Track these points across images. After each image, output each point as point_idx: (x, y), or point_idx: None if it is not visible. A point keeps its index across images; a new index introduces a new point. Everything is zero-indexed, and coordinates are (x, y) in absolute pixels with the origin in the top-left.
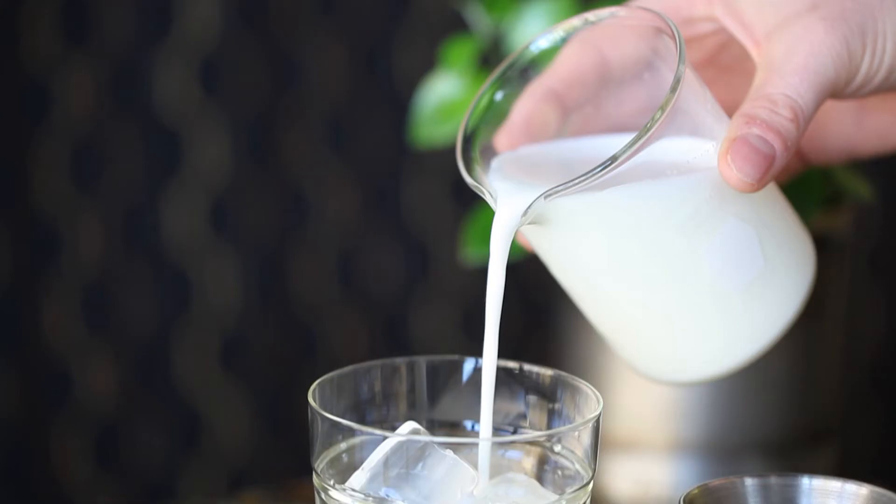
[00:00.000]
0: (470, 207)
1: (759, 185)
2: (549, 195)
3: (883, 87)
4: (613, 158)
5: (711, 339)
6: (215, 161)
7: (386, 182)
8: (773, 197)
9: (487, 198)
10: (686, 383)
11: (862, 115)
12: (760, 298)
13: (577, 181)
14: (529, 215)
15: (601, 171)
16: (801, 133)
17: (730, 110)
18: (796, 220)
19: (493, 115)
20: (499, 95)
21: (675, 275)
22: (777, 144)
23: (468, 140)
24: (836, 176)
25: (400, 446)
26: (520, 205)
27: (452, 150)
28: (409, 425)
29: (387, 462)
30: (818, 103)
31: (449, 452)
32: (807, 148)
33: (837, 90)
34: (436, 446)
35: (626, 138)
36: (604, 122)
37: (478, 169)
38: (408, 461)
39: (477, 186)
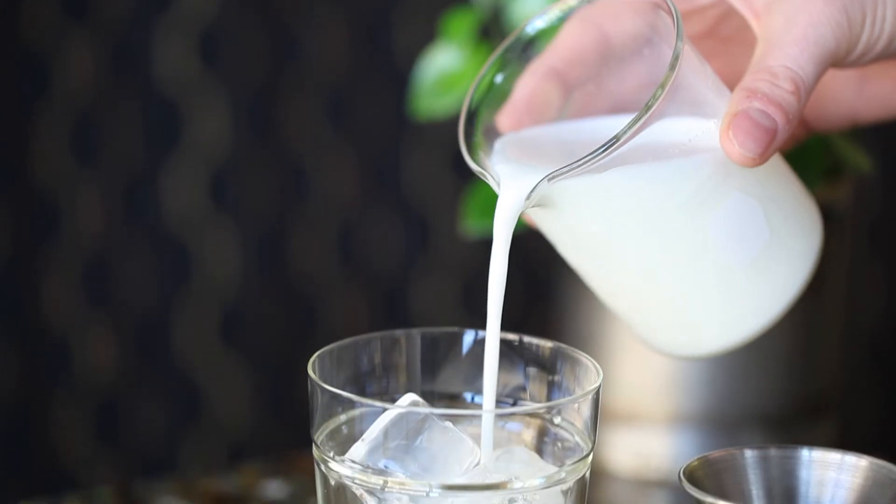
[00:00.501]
0: (470, 180)
1: (761, 159)
2: (553, 178)
3: (884, 54)
4: (615, 139)
5: (720, 313)
6: (215, 135)
7: (386, 155)
8: (777, 168)
9: (490, 182)
10: (698, 357)
11: (863, 83)
12: (768, 271)
13: (579, 163)
14: (533, 198)
15: (603, 151)
16: (802, 105)
17: (731, 82)
18: (801, 189)
19: (495, 96)
20: (499, 77)
21: (681, 252)
22: (779, 118)
23: (470, 122)
24: (836, 148)
25: (400, 418)
26: (523, 188)
27: (453, 122)
28: (409, 397)
29: (386, 434)
30: (819, 74)
31: (449, 424)
32: (809, 116)
33: (838, 60)
34: (436, 418)
35: (627, 118)
36: (606, 100)
37: (480, 152)
38: (408, 433)
39: (480, 171)
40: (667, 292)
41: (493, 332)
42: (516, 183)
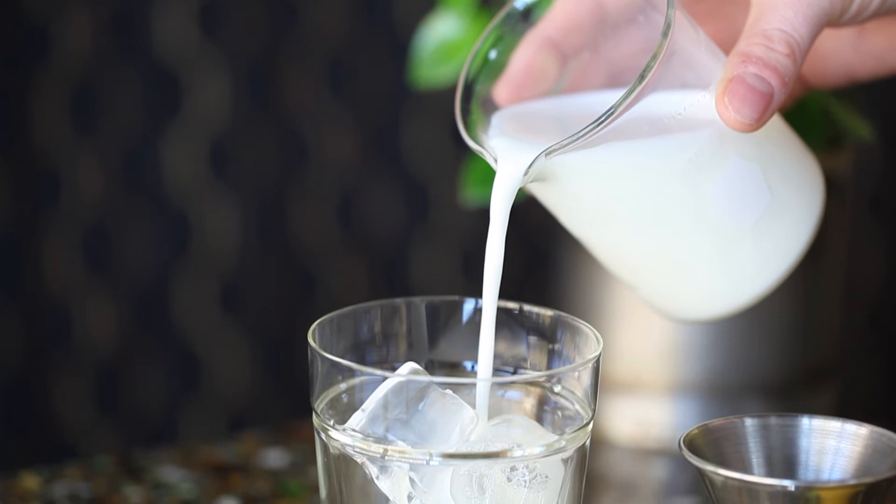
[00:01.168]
0: (470, 150)
1: (758, 124)
2: (550, 153)
3: (879, 12)
4: (611, 110)
5: (725, 277)
6: (215, 103)
7: (386, 124)
8: (775, 128)
9: (488, 158)
10: (704, 320)
11: (859, 40)
12: (770, 233)
13: (576, 136)
14: (531, 174)
15: (599, 124)
16: (798, 67)
17: (726, 44)
18: (801, 147)
19: (491, 69)
20: (493, 53)
21: (683, 219)
22: (774, 81)
23: (467, 97)
24: (837, 117)
25: (400, 387)
26: (520, 164)
27: (452, 91)
28: (409, 366)
29: (386, 402)
30: (814, 35)
31: (449, 392)
32: (806, 73)
33: (833, 19)
34: (436, 387)
35: (622, 91)
36: (602, 67)
37: (478, 127)
38: (408, 402)
39: (478, 148)
40: (670, 259)
41: (489, 309)
42: (513, 159)
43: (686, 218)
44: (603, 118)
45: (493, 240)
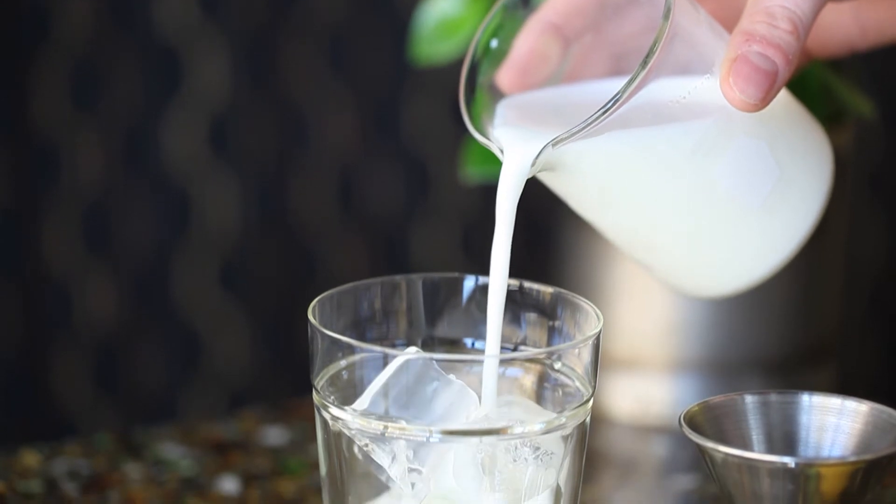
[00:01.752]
0: None
1: (763, 104)
2: (557, 143)
3: None
4: (617, 97)
5: (738, 254)
6: (215, 82)
7: (386, 101)
8: (780, 101)
9: (494, 150)
10: (719, 296)
11: (860, 12)
12: (781, 209)
13: (583, 125)
14: (538, 165)
15: (605, 112)
16: (802, 44)
17: (728, 21)
18: (805, 117)
19: (493, 57)
20: (494, 42)
21: (693, 201)
22: (779, 59)
23: (470, 87)
24: (838, 94)
25: (402, 370)
26: (527, 155)
27: (453, 68)
28: (410, 351)
29: (388, 386)
30: (817, 10)
31: (453, 377)
32: (808, 44)
33: None
34: (440, 370)
35: (625, 78)
36: (605, 49)
37: (482, 117)
38: (410, 385)
39: (484, 140)
40: (681, 240)
41: (496, 299)
42: (520, 150)
43: (696, 199)
44: (608, 106)
45: (500, 234)
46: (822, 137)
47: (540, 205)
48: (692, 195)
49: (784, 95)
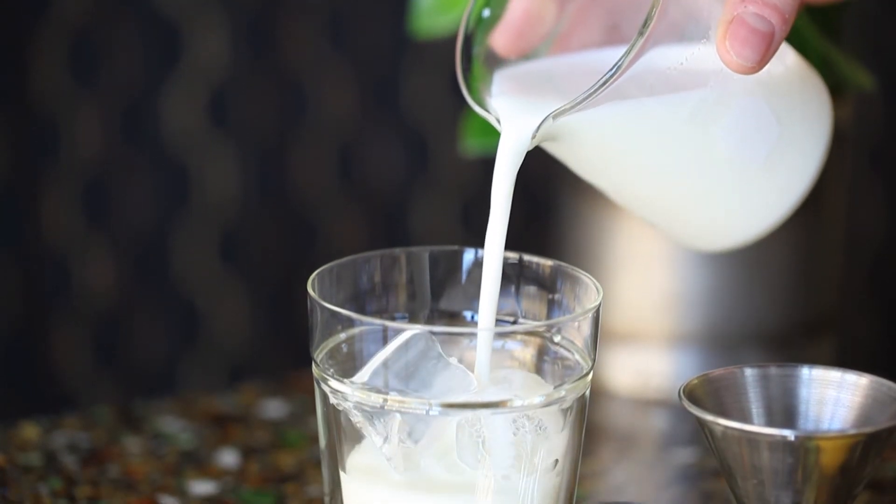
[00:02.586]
0: None
1: (760, 66)
2: (558, 115)
3: None
4: (616, 67)
5: (742, 210)
6: (215, 54)
7: (386, 74)
8: (778, 56)
9: (493, 122)
10: (727, 250)
11: None
12: (783, 162)
13: (583, 96)
14: (538, 137)
15: (605, 83)
16: (798, 1)
17: None
18: (803, 67)
19: (487, 25)
20: (486, 12)
21: (695, 163)
22: (775, 19)
23: (466, 57)
24: (838, 66)
25: (405, 347)
26: (527, 128)
27: (453, 41)
28: (412, 330)
29: (388, 362)
30: None
31: (454, 360)
32: None
33: None
34: (442, 355)
35: (621, 48)
36: (600, 9)
37: (480, 88)
38: (412, 362)
39: (483, 113)
40: (685, 200)
41: (492, 272)
42: (519, 122)
43: (698, 161)
44: (608, 76)
45: (497, 207)
46: (821, 87)
47: (539, 177)
48: (693, 157)
49: (782, 48)
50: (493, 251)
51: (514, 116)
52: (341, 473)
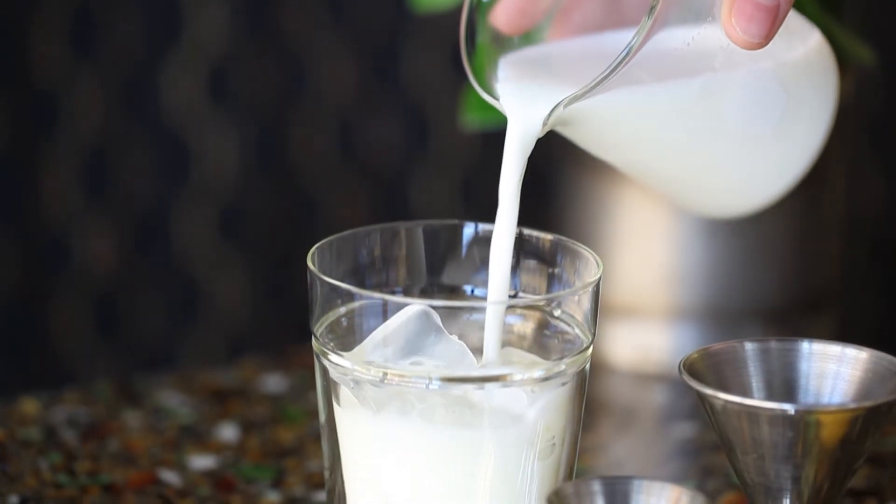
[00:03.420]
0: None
1: (766, 40)
2: (569, 103)
3: None
4: (626, 51)
5: (754, 178)
6: (215, 29)
7: (385, 48)
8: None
9: (501, 108)
10: (743, 215)
11: None
12: (791, 130)
13: (596, 81)
14: (549, 124)
15: (617, 66)
16: None
17: None
18: (806, 28)
19: (487, 9)
20: None
21: (703, 138)
22: None
23: (470, 40)
24: (839, 41)
25: (406, 322)
26: (538, 115)
27: (453, 15)
28: (415, 307)
29: (389, 336)
30: None
31: (455, 338)
32: None
33: None
34: (443, 329)
35: (625, 32)
36: None
37: (486, 72)
38: (412, 337)
39: (493, 101)
40: (698, 171)
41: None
42: (529, 112)
43: (709, 135)
44: (618, 62)
45: (506, 199)
46: (824, 48)
47: (538, 152)
48: (703, 133)
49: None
50: (503, 234)
51: (523, 105)
52: (335, 405)
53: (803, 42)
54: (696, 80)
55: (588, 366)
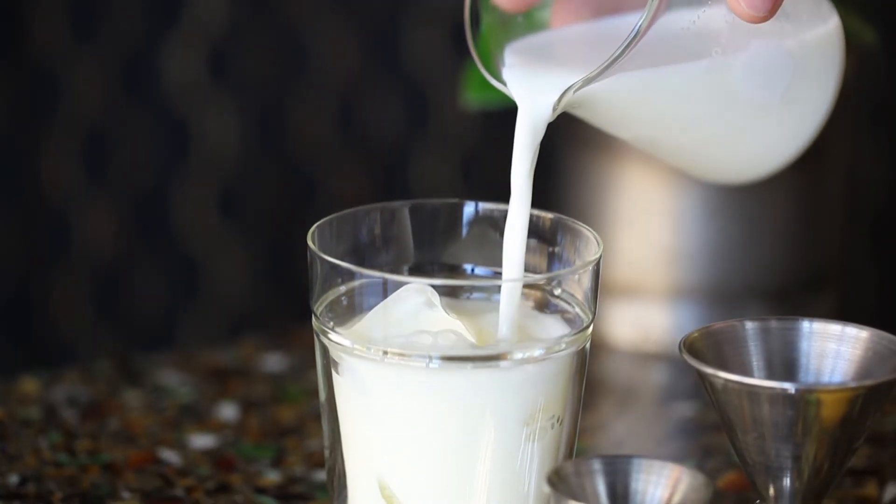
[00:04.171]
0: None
1: (771, 13)
2: (580, 87)
3: None
4: (634, 32)
5: (765, 143)
6: (215, 7)
7: (386, 26)
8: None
9: (510, 94)
10: (755, 181)
11: None
12: (799, 96)
13: (606, 64)
14: (559, 109)
15: (624, 50)
16: None
17: None
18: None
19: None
20: None
21: (712, 112)
22: None
23: (475, 23)
24: (841, 21)
25: (403, 304)
26: (547, 101)
27: None
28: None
29: (387, 317)
30: None
31: (455, 317)
32: None
33: None
34: (441, 307)
35: (632, 17)
36: None
37: (493, 56)
38: (411, 314)
39: (500, 86)
40: (709, 142)
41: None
42: (538, 98)
43: (716, 109)
44: (625, 46)
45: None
46: (830, 11)
47: None
48: (712, 107)
49: None
50: (517, 217)
51: (533, 92)
52: (334, 375)
53: (808, 13)
54: (704, 57)
55: (588, 345)
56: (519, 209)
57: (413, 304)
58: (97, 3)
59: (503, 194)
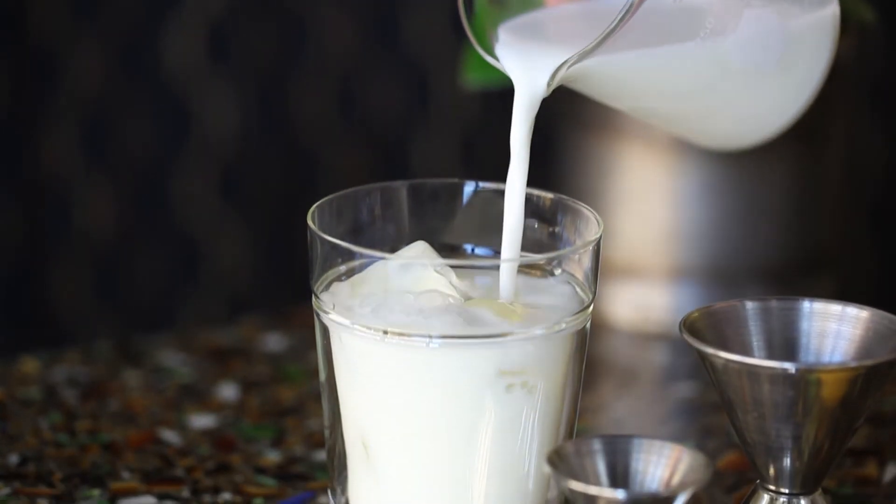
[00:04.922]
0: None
1: None
2: (574, 62)
3: None
4: (625, 8)
5: (764, 108)
6: None
7: (385, 7)
8: None
9: (505, 71)
10: (756, 145)
11: None
12: (794, 62)
13: (599, 39)
14: (554, 84)
15: (617, 24)
16: None
17: None
18: None
19: None
20: None
21: (709, 81)
22: None
23: (469, 4)
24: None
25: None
26: (542, 77)
27: None
28: (419, 245)
29: (387, 296)
30: None
31: (453, 298)
32: None
33: None
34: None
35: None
36: None
37: (488, 35)
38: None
39: (495, 62)
40: (708, 110)
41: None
42: (533, 74)
43: (712, 78)
44: (618, 20)
45: (516, 162)
46: None
47: (540, 111)
48: (708, 76)
49: None
50: (515, 190)
51: (527, 69)
52: (334, 355)
53: None
54: (696, 32)
55: (588, 325)
56: (517, 170)
57: (410, 261)
58: None
59: (503, 174)
